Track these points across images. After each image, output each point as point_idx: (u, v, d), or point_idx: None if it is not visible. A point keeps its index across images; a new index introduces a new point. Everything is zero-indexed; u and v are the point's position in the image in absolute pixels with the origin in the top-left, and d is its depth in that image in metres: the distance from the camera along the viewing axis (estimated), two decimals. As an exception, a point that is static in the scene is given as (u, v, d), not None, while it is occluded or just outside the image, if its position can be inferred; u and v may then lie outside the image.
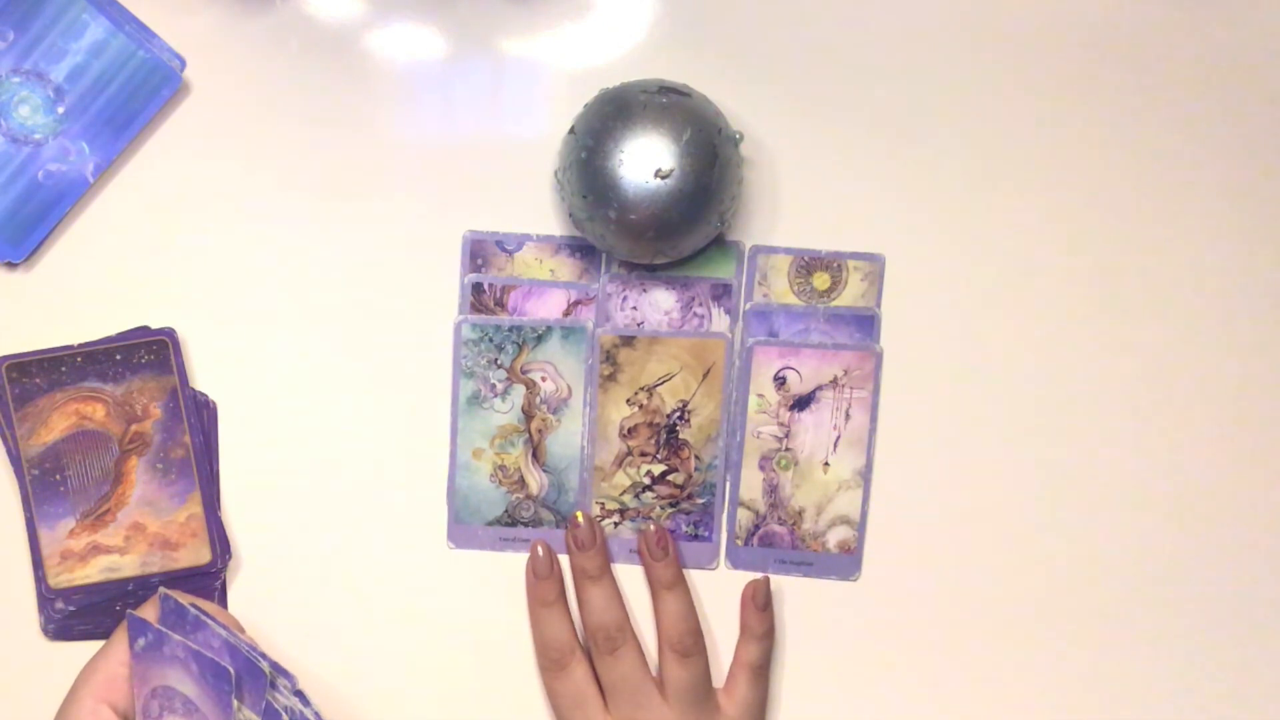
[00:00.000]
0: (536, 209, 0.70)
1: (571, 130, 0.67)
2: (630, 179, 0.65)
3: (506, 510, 0.71)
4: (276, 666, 0.62)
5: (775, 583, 0.71)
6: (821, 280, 0.70)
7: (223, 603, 0.70)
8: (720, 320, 0.70)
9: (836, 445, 0.71)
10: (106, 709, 0.63)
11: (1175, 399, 0.71)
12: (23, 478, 0.68)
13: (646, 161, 0.65)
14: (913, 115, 0.70)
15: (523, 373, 0.70)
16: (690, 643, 0.69)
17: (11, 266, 0.69)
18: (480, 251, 0.70)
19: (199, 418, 0.69)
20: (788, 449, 0.71)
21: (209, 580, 0.70)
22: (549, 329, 0.70)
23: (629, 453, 0.71)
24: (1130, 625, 0.72)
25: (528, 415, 0.71)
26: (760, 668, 0.70)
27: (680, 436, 0.71)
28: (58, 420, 0.68)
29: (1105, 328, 0.71)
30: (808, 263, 0.70)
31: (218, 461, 0.70)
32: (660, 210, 0.65)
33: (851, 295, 0.70)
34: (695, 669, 0.69)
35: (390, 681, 0.71)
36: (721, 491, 0.71)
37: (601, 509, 0.71)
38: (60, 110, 0.68)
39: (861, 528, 0.71)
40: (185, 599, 0.65)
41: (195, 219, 0.69)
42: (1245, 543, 0.72)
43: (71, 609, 0.69)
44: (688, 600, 0.70)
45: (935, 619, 0.71)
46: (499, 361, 0.70)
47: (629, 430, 0.71)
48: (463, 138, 0.70)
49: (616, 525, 0.71)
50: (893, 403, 0.71)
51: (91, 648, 0.66)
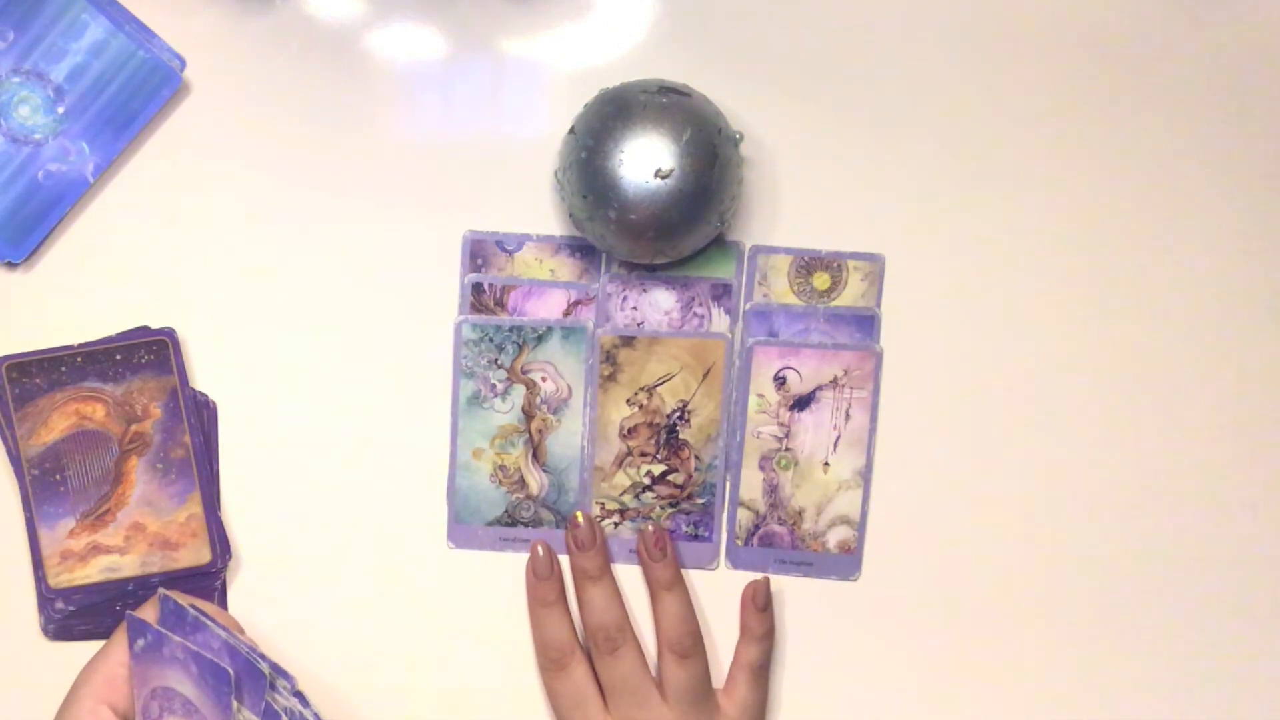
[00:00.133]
0: (536, 209, 0.70)
1: (571, 130, 0.67)
2: (630, 179, 0.65)
3: (506, 510, 0.71)
4: (276, 667, 0.62)
5: (775, 583, 0.71)
6: (821, 280, 0.70)
7: (223, 603, 0.70)
8: (720, 320, 0.70)
9: (836, 445, 0.71)
10: (106, 709, 0.63)
11: (1175, 399, 0.71)
12: (23, 478, 0.68)
13: (646, 161, 0.64)
14: (913, 115, 0.70)
15: (523, 373, 0.70)
16: (689, 644, 0.69)
17: (11, 266, 0.69)
18: (480, 251, 0.70)
19: (199, 418, 0.69)
20: (788, 449, 0.71)
21: (209, 580, 0.70)
22: (549, 329, 0.70)
23: (629, 453, 0.71)
24: (1130, 625, 0.72)
25: (528, 415, 0.71)
26: (760, 668, 0.70)
27: (680, 436, 0.71)
28: (58, 420, 0.68)
29: (1105, 327, 0.71)
30: (808, 263, 0.70)
31: (218, 461, 0.70)
32: (660, 210, 0.65)
33: (851, 295, 0.70)
34: (694, 670, 0.68)
35: (390, 681, 0.71)
36: (721, 491, 0.71)
37: (601, 509, 0.71)
38: (60, 110, 0.68)
39: (861, 528, 0.71)
40: (185, 600, 0.65)
41: (195, 219, 0.69)
42: (1245, 543, 0.72)
43: (71, 609, 0.69)
44: (687, 601, 0.70)
45: (935, 619, 0.71)
46: (499, 361, 0.70)
47: (629, 430, 0.71)
48: (463, 138, 0.70)
49: (616, 525, 0.71)
50: (893, 403, 0.71)
51: (91, 648, 0.66)
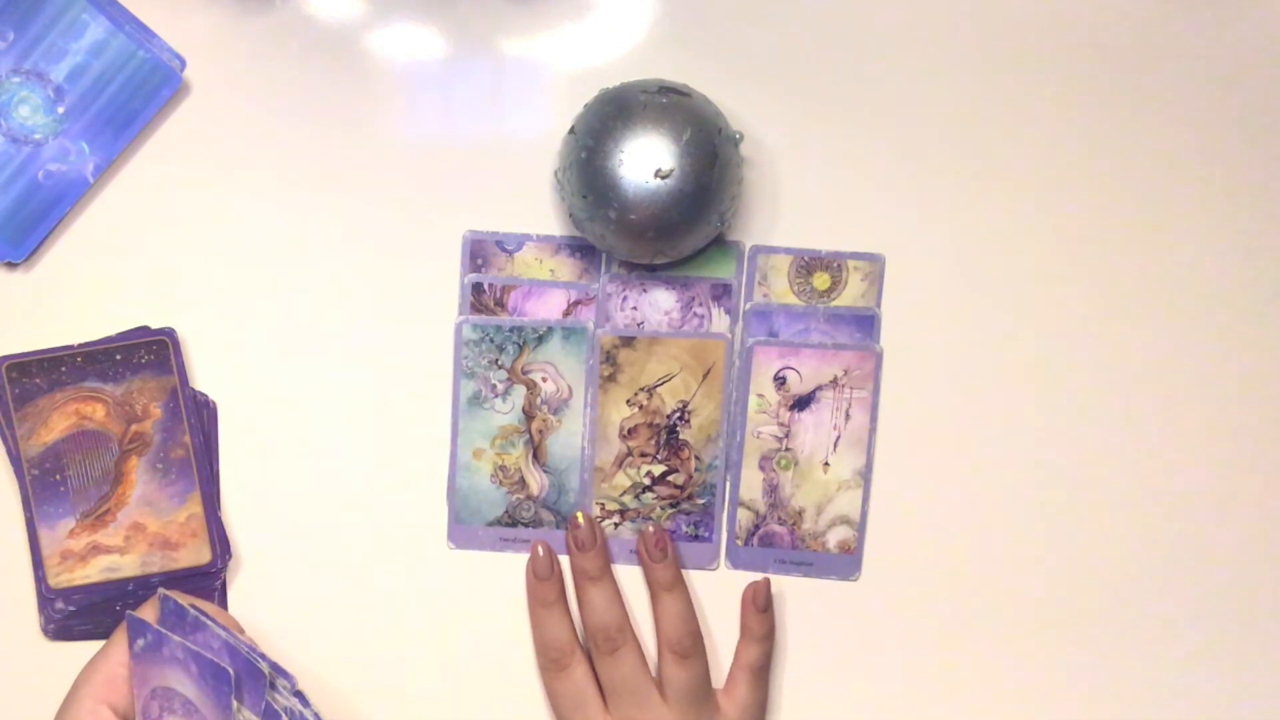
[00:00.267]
0: (536, 209, 0.70)
1: (571, 130, 0.67)
2: (630, 179, 0.65)
3: (507, 511, 0.71)
4: (276, 667, 0.62)
5: (775, 583, 0.71)
6: (821, 280, 0.70)
7: (223, 603, 0.70)
8: (720, 320, 0.70)
9: (836, 445, 0.71)
10: (106, 709, 0.63)
11: (1175, 399, 0.71)
12: (23, 478, 0.68)
13: (646, 161, 0.64)
14: (913, 115, 0.70)
15: (523, 373, 0.70)
16: (689, 644, 0.69)
17: (11, 266, 0.69)
18: (480, 251, 0.70)
19: (199, 418, 0.69)
20: (788, 449, 0.71)
21: (209, 580, 0.69)
22: (550, 329, 0.70)
23: (629, 453, 0.71)
24: (1130, 624, 0.72)
25: (528, 416, 0.71)
26: (760, 669, 0.70)
27: (680, 437, 0.71)
28: (58, 420, 0.68)
29: (1105, 327, 0.71)
30: (808, 263, 0.70)
31: (218, 461, 0.70)
32: (660, 210, 0.65)
33: (851, 295, 0.70)
34: (695, 670, 0.68)
35: (390, 681, 0.71)
36: (721, 492, 0.71)
37: (602, 509, 0.71)
38: (60, 110, 0.68)
39: (861, 528, 0.71)
40: (185, 600, 0.65)
41: (195, 219, 0.69)
42: (1245, 543, 0.71)
43: (71, 609, 0.69)
44: (687, 601, 0.70)
45: (935, 619, 0.71)
46: (500, 362, 0.70)
47: (629, 431, 0.71)
48: (463, 138, 0.70)
49: (617, 526, 0.71)
50: (893, 403, 0.71)
51: (91, 648, 0.66)
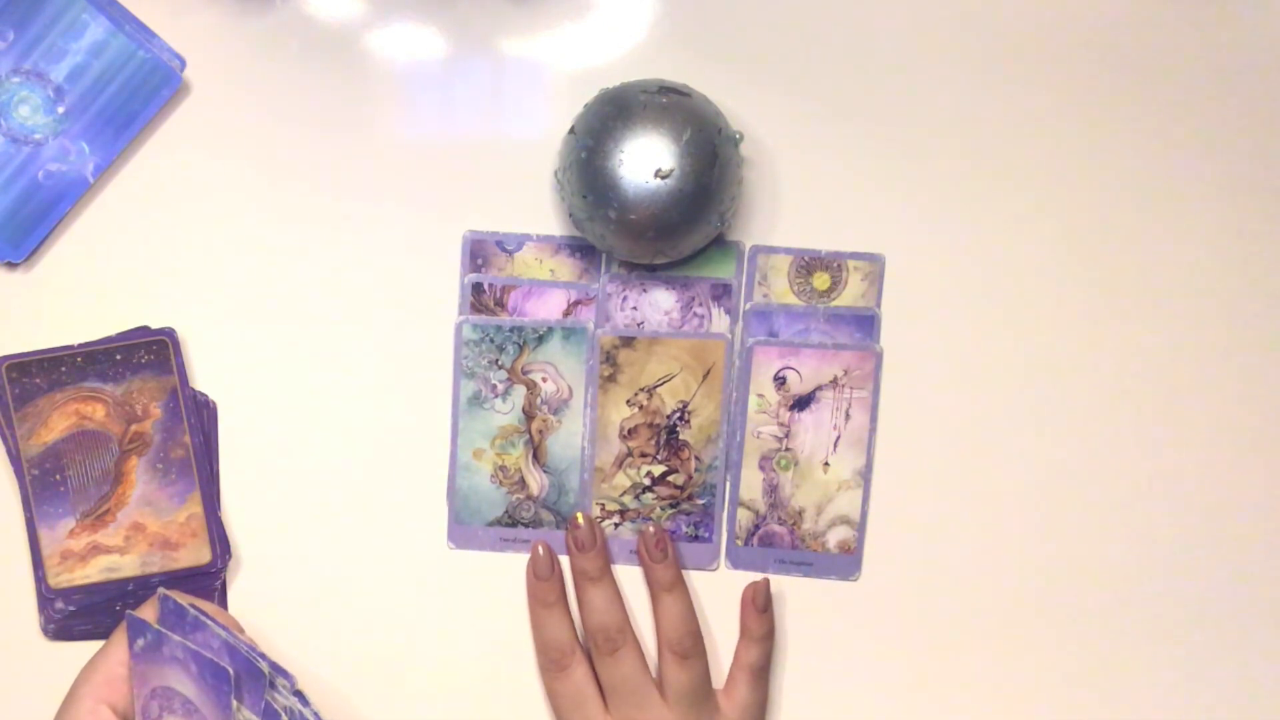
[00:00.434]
0: (536, 209, 0.70)
1: (571, 130, 0.67)
2: (630, 179, 0.65)
3: (507, 511, 0.71)
4: (276, 666, 0.62)
5: (775, 583, 0.71)
6: (821, 280, 0.70)
7: (223, 603, 0.70)
8: (720, 320, 0.70)
9: (836, 445, 0.71)
10: (106, 709, 0.63)
11: (1175, 398, 0.71)
12: (23, 478, 0.68)
13: (646, 161, 0.64)
14: (912, 116, 0.70)
15: (523, 373, 0.70)
16: (690, 645, 0.68)
17: (11, 266, 0.69)
18: (480, 251, 0.70)
19: (199, 418, 0.69)
20: (788, 449, 0.71)
21: (209, 580, 0.69)
22: (549, 329, 0.70)
23: (629, 454, 0.71)
24: (1130, 625, 0.72)
25: (528, 416, 0.70)
26: (760, 669, 0.70)
27: (680, 437, 0.71)
28: (58, 420, 0.68)
29: (1105, 327, 0.71)
30: (808, 263, 0.70)
31: (218, 461, 0.70)
32: (660, 210, 0.65)
33: (851, 295, 0.70)
34: (695, 671, 0.68)
35: (390, 681, 0.71)
36: (721, 492, 0.71)
37: (602, 510, 0.71)
38: (60, 110, 0.68)
39: (861, 528, 0.71)
40: (184, 599, 0.65)
41: (195, 219, 0.69)
42: (1245, 543, 0.71)
43: (71, 609, 0.69)
44: (687, 602, 0.70)
45: (935, 619, 0.71)
46: (500, 362, 0.70)
47: (629, 431, 0.71)
48: (463, 138, 0.70)
49: (617, 526, 0.71)
50: (893, 403, 0.71)
51: (91, 648, 0.66)
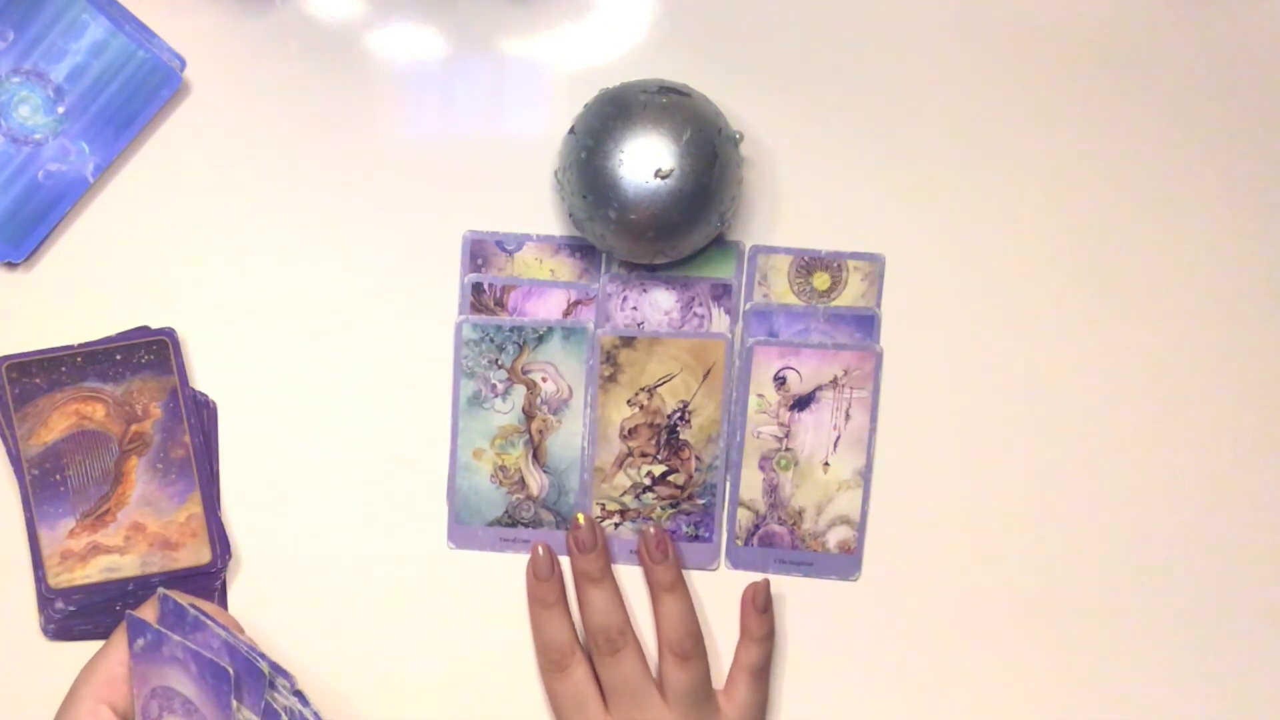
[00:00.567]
0: (536, 209, 0.70)
1: (571, 130, 0.67)
2: (630, 179, 0.65)
3: (507, 511, 0.71)
4: (276, 666, 0.62)
5: (775, 583, 0.71)
6: (821, 280, 0.70)
7: (223, 603, 0.70)
8: (720, 320, 0.70)
9: (836, 445, 0.71)
10: (106, 709, 0.63)
11: (1175, 398, 0.71)
12: (23, 478, 0.68)
13: (646, 161, 0.64)
14: (913, 115, 0.70)
15: (523, 373, 0.70)
16: (690, 645, 0.68)
17: (11, 266, 0.69)
18: (480, 251, 0.70)
19: (199, 418, 0.69)
20: (788, 449, 0.71)
21: (209, 580, 0.69)
22: (550, 329, 0.70)
23: (629, 453, 0.71)
24: (1130, 625, 0.72)
25: (528, 416, 0.70)
26: (760, 670, 0.70)
27: (680, 437, 0.71)
28: (58, 420, 0.68)
29: (1105, 327, 0.71)
30: (808, 263, 0.70)
31: (218, 461, 0.70)
32: (660, 210, 0.65)
33: (851, 295, 0.70)
34: (695, 671, 0.68)
35: (390, 681, 0.71)
36: (722, 492, 0.71)
37: (602, 510, 0.71)
38: (60, 110, 0.68)
39: (861, 528, 0.71)
40: (184, 599, 0.65)
41: (195, 219, 0.69)
42: (1245, 543, 0.71)
43: (71, 609, 0.69)
44: (688, 602, 0.70)
45: (935, 619, 0.71)
46: (500, 362, 0.70)
47: (629, 431, 0.71)
48: (463, 138, 0.70)
49: (617, 526, 0.71)
50: (893, 403, 0.71)
51: (91, 648, 0.66)
